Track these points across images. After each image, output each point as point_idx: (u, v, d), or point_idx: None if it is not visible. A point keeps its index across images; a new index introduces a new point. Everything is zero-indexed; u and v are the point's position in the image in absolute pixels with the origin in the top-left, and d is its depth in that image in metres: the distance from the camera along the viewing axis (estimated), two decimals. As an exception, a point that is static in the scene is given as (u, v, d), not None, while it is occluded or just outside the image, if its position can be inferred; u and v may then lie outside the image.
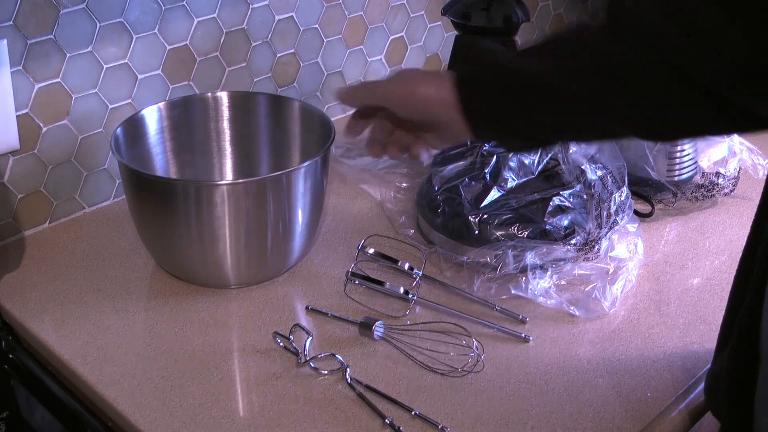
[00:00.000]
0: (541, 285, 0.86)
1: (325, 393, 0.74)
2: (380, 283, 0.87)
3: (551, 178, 0.96)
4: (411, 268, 0.89)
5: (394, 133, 0.76)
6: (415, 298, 0.86)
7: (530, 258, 0.88)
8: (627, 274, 0.89)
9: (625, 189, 0.95)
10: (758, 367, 0.58)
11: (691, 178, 1.06)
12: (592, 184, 0.95)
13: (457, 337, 0.81)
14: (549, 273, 0.87)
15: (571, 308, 0.85)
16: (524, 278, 0.87)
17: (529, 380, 0.76)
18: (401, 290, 0.86)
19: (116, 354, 0.79)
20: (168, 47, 1.02)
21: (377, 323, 0.80)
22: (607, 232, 0.91)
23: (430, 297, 0.87)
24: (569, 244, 0.90)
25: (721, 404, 0.65)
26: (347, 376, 0.75)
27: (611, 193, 0.93)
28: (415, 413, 0.71)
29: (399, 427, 0.70)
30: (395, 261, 0.91)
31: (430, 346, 0.79)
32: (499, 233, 0.90)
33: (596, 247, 0.90)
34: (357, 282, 0.87)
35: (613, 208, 0.93)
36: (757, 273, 0.58)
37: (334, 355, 0.77)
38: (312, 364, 0.77)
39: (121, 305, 0.86)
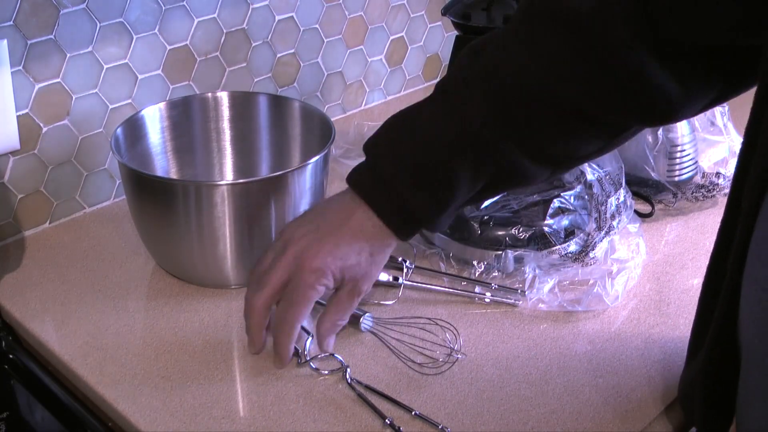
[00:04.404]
0: (546, 288, 0.86)
1: (325, 393, 0.74)
2: None
3: (552, 179, 0.96)
4: (404, 260, 0.90)
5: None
6: (404, 282, 0.87)
7: (531, 266, 0.88)
8: (630, 272, 0.89)
9: (622, 192, 0.94)
10: (734, 369, 0.59)
11: (691, 178, 1.06)
12: (592, 185, 0.95)
13: (444, 329, 0.81)
14: (553, 281, 0.87)
15: (573, 305, 0.85)
16: (525, 282, 0.88)
17: (529, 380, 0.76)
18: (389, 277, 0.87)
19: (116, 354, 0.79)
20: (168, 47, 1.02)
21: (365, 315, 0.81)
22: (603, 237, 0.91)
23: (423, 282, 0.88)
24: (565, 254, 0.90)
25: (696, 410, 0.65)
26: (347, 376, 0.75)
27: (608, 196, 0.93)
28: (415, 413, 0.71)
29: (399, 428, 0.70)
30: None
31: (420, 335, 0.80)
32: (499, 234, 0.90)
33: (591, 254, 0.90)
34: None
35: (609, 212, 0.93)
36: (730, 274, 0.58)
37: (334, 355, 0.77)
38: (312, 365, 0.77)
39: (121, 305, 0.86)
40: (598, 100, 0.67)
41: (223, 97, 0.99)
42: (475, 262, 0.90)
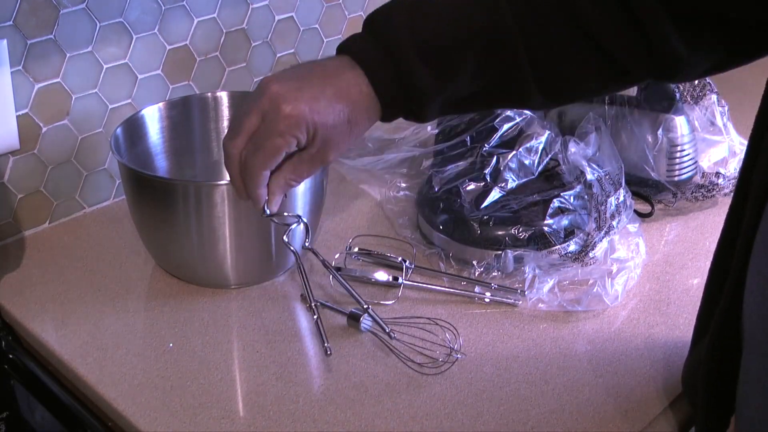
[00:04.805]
0: (546, 288, 0.86)
1: (325, 393, 0.74)
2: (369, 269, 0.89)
3: (552, 179, 0.96)
4: (404, 260, 0.90)
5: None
6: (404, 282, 0.87)
7: (530, 266, 0.88)
8: (629, 272, 0.89)
9: (622, 192, 0.94)
10: (737, 356, 0.59)
11: (691, 178, 1.06)
12: (591, 184, 0.95)
13: (444, 329, 0.81)
14: (553, 281, 0.87)
15: (573, 305, 0.85)
16: (524, 282, 0.88)
17: (529, 380, 0.76)
18: (389, 277, 0.88)
19: (116, 354, 0.79)
20: (168, 47, 1.02)
21: (365, 315, 0.81)
22: (602, 237, 0.91)
23: (422, 282, 0.89)
24: (565, 254, 0.90)
25: (699, 394, 0.66)
26: (305, 242, 0.81)
27: (608, 196, 0.94)
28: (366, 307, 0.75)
29: (318, 317, 0.73)
30: (386, 256, 0.91)
31: (420, 334, 0.80)
32: (499, 234, 0.90)
33: (591, 253, 0.90)
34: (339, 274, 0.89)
35: (609, 212, 0.93)
36: (736, 262, 0.59)
37: (300, 217, 0.80)
38: (274, 220, 0.77)
39: (121, 305, 0.86)
40: (612, 33, 0.66)
41: (223, 97, 0.99)
42: (474, 262, 0.90)
